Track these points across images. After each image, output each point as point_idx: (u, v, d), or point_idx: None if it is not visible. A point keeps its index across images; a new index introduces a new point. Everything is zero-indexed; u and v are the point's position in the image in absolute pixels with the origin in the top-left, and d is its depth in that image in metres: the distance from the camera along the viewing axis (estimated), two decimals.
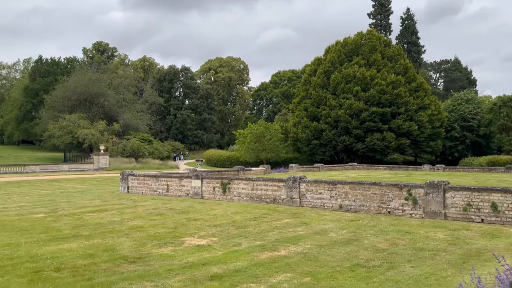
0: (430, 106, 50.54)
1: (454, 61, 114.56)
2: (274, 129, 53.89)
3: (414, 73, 52.21)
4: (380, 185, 14.51)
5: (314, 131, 51.26)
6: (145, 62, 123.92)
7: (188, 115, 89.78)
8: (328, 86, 52.41)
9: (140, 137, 64.66)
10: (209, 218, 12.98)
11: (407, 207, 13.97)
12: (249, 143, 52.71)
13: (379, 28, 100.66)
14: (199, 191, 18.88)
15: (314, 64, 56.50)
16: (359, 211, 14.78)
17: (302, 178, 16.34)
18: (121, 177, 21.45)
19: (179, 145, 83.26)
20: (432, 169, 37.85)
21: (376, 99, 48.62)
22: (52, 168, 43.04)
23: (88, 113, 63.81)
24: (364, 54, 52.58)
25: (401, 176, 25.71)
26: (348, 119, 49.00)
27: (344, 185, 15.30)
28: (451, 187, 13.23)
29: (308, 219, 12.89)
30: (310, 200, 16.04)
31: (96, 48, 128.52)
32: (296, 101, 57.37)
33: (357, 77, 49.86)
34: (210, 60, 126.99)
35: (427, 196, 13.52)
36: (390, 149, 48.92)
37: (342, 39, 55.49)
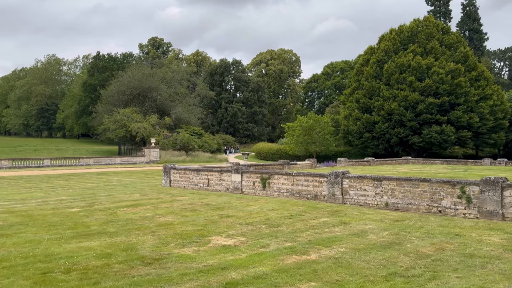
0: (492, 96, 47.23)
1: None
2: (324, 121, 52.51)
3: (475, 61, 48.99)
4: (430, 182, 13.32)
5: (366, 123, 49.46)
6: (198, 56, 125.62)
7: (238, 108, 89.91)
8: (381, 76, 50.31)
9: (191, 130, 65.41)
10: (243, 215, 12.41)
11: (460, 206, 12.72)
12: (298, 136, 51.72)
13: (438, 15, 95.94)
14: (239, 185, 18.38)
15: (367, 53, 54.44)
16: (407, 210, 13.68)
17: (345, 173, 15.39)
18: (164, 171, 21.39)
19: (230, 138, 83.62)
20: (493, 163, 35.23)
21: (433, 90, 46.07)
22: (105, 161, 44.30)
23: (141, 107, 65.29)
24: (420, 42, 49.96)
25: (457, 172, 23.95)
26: (403, 111, 46.79)
27: (390, 181, 14.22)
28: (510, 184, 11.85)
29: (349, 218, 12.00)
30: (353, 197, 15.09)
31: (152, 44, 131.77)
32: (348, 93, 55.65)
33: (412, 66, 47.46)
34: (262, 53, 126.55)
35: (483, 195, 12.22)
36: (449, 142, 46.24)
37: (397, 27, 53.05)
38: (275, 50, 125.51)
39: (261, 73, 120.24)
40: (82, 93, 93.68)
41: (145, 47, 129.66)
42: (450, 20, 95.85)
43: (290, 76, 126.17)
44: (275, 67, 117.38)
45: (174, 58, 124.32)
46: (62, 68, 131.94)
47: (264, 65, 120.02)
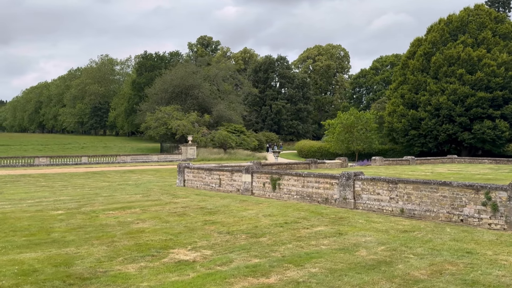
0: None
1: None
2: (367, 118, 50.04)
3: None
4: (451, 186, 11.51)
5: (411, 120, 46.63)
6: (246, 54, 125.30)
7: (283, 105, 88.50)
8: (429, 70, 47.24)
9: (232, 128, 64.81)
10: (232, 221, 11.21)
11: (484, 215, 10.86)
12: (339, 134, 49.60)
13: (496, 5, 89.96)
14: (249, 186, 17.18)
15: (414, 45, 51.37)
16: (425, 218, 11.94)
17: (358, 174, 13.79)
18: (178, 170, 20.57)
19: (273, 136, 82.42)
20: None
21: (485, 83, 42.56)
22: (142, 159, 44.48)
23: (183, 105, 65.53)
24: (471, 32, 46.41)
25: (500, 173, 21.40)
26: (451, 106, 43.62)
27: (407, 184, 12.50)
28: None
29: (349, 228, 10.49)
30: (366, 201, 13.47)
31: (200, 42, 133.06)
32: (393, 87, 52.89)
33: (461, 58, 44.11)
34: (309, 49, 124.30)
35: (510, 202, 10.31)
36: (503, 139, 42.55)
37: (446, 17, 49.66)
38: (323, 46, 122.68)
39: (308, 70, 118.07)
40: (131, 92, 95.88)
41: (194, 46, 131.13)
42: (510, 10, 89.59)
43: (339, 72, 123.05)
44: (322, 63, 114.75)
45: (222, 56, 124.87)
46: (115, 67, 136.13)
47: (311, 61, 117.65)
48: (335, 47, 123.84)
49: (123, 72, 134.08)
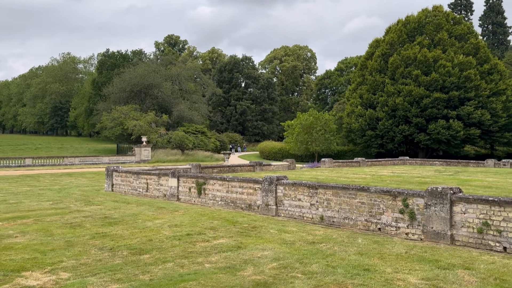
0: (505, 91, 43.41)
1: None
2: (326, 119, 49.61)
3: (487, 53, 45.18)
4: (369, 192, 10.68)
5: (369, 120, 46.36)
6: (213, 54, 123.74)
7: (248, 106, 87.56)
8: (386, 71, 47.11)
9: (193, 128, 63.43)
10: (127, 234, 10.04)
11: (402, 223, 10.06)
12: (298, 135, 48.96)
13: (459, 8, 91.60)
14: (175, 191, 16.02)
15: (372, 46, 51.25)
16: (344, 226, 11.07)
17: (280, 179, 12.84)
18: (106, 174, 19.20)
19: (237, 137, 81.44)
20: (497, 164, 31.74)
21: (440, 84, 42.64)
22: (91, 161, 42.64)
23: (142, 105, 63.72)
24: (428, 33, 46.53)
25: (443, 175, 20.90)
26: (407, 107, 43.55)
27: (327, 189, 11.61)
28: (461, 197, 9.12)
29: (254, 240, 9.48)
30: (287, 208, 12.54)
31: (168, 42, 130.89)
32: (352, 88, 52.67)
33: (418, 59, 44.10)
34: (276, 49, 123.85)
35: (428, 210, 9.54)
36: (458, 139, 42.67)
37: (405, 18, 49.68)
38: (290, 47, 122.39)
39: (275, 70, 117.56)
40: (92, 91, 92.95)
41: (161, 45, 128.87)
42: (471, 13, 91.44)
43: (306, 73, 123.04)
44: (289, 64, 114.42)
45: (188, 56, 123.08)
46: (78, 66, 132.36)
47: (278, 62, 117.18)
48: (302, 48, 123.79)
49: (86, 70, 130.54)
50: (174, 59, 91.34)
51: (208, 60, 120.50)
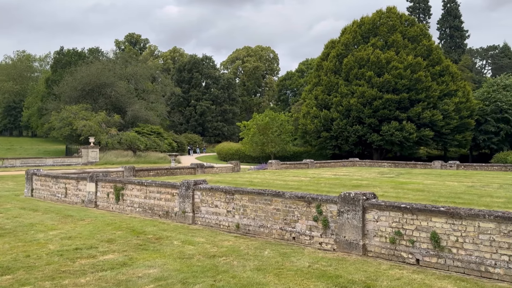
0: (457, 92, 43.94)
1: (502, 47, 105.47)
2: (281, 119, 49.03)
3: (439, 55, 45.67)
4: (284, 197, 9.80)
5: (323, 121, 46.02)
6: (175, 53, 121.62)
7: (208, 106, 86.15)
8: (341, 71, 46.92)
9: (149, 129, 61.68)
10: (7, 248, 8.79)
11: (316, 232, 9.22)
12: (253, 136, 48.14)
13: (417, 12, 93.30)
14: (93, 197, 14.75)
15: (328, 47, 51.01)
16: (259, 235, 10.16)
17: (198, 183, 11.82)
18: (26, 177, 17.67)
19: (197, 138, 79.97)
20: (444, 166, 31.83)
21: (392, 85, 42.72)
22: (34, 163, 40.42)
23: (94, 104, 61.45)
24: (382, 35, 46.65)
25: (383, 177, 20.45)
26: (361, 108, 43.43)
27: (243, 195, 10.67)
28: (373, 204, 8.35)
29: (150, 254, 8.42)
30: (205, 215, 11.53)
31: (129, 40, 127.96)
32: (308, 89, 52.33)
33: (371, 61, 44.08)
34: (238, 50, 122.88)
35: (341, 217, 8.73)
36: (411, 141, 42.84)
37: (360, 19, 49.67)
38: (252, 47, 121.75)
39: (237, 71, 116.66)
40: (45, 90, 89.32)
41: (121, 43, 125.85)
42: (429, 17, 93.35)
43: (268, 74, 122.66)
44: (251, 64, 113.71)
45: (149, 55, 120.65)
46: (34, 64, 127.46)
47: (240, 62, 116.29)
48: (264, 49, 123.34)
49: (41, 69, 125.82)
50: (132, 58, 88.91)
51: (170, 59, 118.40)
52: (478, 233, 7.12)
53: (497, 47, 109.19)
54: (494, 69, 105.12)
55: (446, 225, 7.43)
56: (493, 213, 7.02)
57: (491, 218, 6.97)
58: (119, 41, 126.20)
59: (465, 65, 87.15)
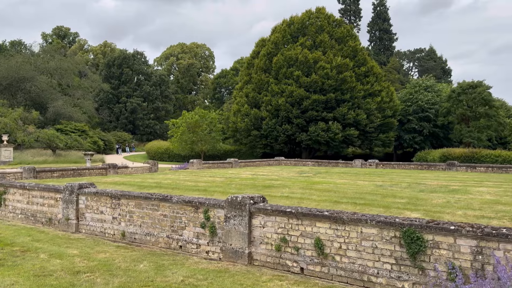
0: (381, 93, 45.15)
1: (428, 50, 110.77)
2: (212, 117, 48.06)
3: (364, 56, 46.70)
4: (171, 202, 8.93)
5: (254, 119, 45.61)
6: (106, 48, 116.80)
7: (139, 103, 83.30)
8: (271, 70, 46.71)
9: (72, 127, 58.49)
10: None
11: (203, 239, 8.44)
12: (182, 134, 46.75)
13: (348, 14, 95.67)
14: None
15: (258, 45, 50.68)
16: (145, 243, 9.21)
17: (84, 187, 10.66)
18: None
19: (126, 136, 77.08)
20: (364, 165, 32.44)
21: (319, 85, 43.10)
22: None
23: (13, 100, 57.29)
24: (310, 35, 46.97)
25: (302, 176, 20.18)
26: (289, 108, 43.45)
27: (130, 200, 9.68)
28: (260, 208, 7.69)
29: (4, 271, 7.24)
30: (90, 222, 10.40)
31: (56, 33, 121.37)
32: (239, 87, 51.75)
33: (299, 60, 44.23)
34: (172, 46, 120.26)
35: (228, 223, 8.00)
36: (336, 141, 43.44)
37: (289, 18, 49.74)
38: (187, 44, 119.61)
39: (171, 68, 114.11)
40: None
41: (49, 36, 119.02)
42: (360, 19, 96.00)
43: (204, 72, 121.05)
44: (185, 61, 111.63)
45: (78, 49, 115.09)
46: None
47: (174, 59, 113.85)
48: (200, 46, 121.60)
49: None
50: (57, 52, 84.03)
51: (100, 54, 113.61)
52: (361, 239, 6.64)
53: (423, 50, 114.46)
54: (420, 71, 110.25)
55: (330, 231, 6.91)
56: (376, 217, 6.57)
57: (373, 223, 6.51)
58: (46, 34, 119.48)
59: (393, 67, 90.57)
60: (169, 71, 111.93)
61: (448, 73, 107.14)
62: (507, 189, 14.75)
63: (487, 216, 9.52)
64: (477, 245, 5.69)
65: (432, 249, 6.03)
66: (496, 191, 14.33)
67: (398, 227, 6.29)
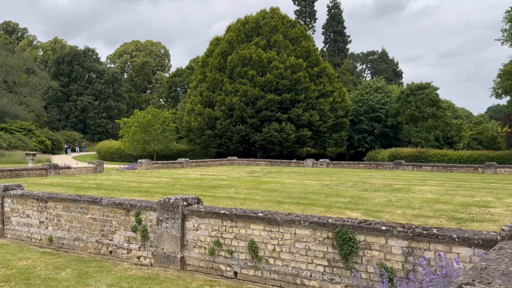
0: (333, 93, 45.73)
1: (381, 52, 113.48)
2: (165, 117, 47.13)
3: (317, 57, 47.19)
4: (101, 205, 8.40)
5: (207, 119, 45.07)
6: (56, 44, 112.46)
7: (90, 101, 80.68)
8: (225, 69, 46.32)
9: (18, 125, 55.86)
10: None
11: (134, 244, 7.97)
12: (134, 133, 45.56)
13: (303, 16, 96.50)
14: None
15: (213, 44, 50.16)
16: (74, 249, 8.62)
17: (9, 189, 9.92)
18: None
19: (76, 135, 74.47)
20: (315, 164, 32.74)
21: (274, 85, 43.13)
22: None
23: None
24: (265, 34, 46.93)
25: (252, 176, 19.97)
26: (243, 107, 43.21)
27: (57, 202, 9.05)
28: (194, 210, 7.32)
29: None
30: (15, 227, 9.69)
31: (4, 28, 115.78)
32: (193, 86, 51.05)
33: (254, 60, 44.08)
34: (126, 43, 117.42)
35: (160, 226, 7.57)
36: (290, 141, 43.61)
37: (244, 17, 49.50)
38: (142, 42, 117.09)
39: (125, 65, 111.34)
40: None
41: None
42: (315, 21, 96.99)
43: (159, 70, 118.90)
44: (140, 59, 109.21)
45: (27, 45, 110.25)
46: None
47: (128, 57, 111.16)
48: (155, 44, 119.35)
49: None
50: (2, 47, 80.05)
51: (50, 51, 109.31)
52: (295, 241, 6.41)
53: (376, 52, 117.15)
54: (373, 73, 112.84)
55: (264, 233, 6.64)
56: (309, 218, 6.35)
57: (306, 224, 6.29)
58: None
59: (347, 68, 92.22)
60: (123, 69, 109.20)
61: (400, 75, 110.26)
62: (448, 188, 15.09)
63: (425, 215, 9.58)
64: (408, 246, 5.58)
65: (364, 250, 5.87)
66: (438, 189, 14.61)
67: (331, 228, 6.11)
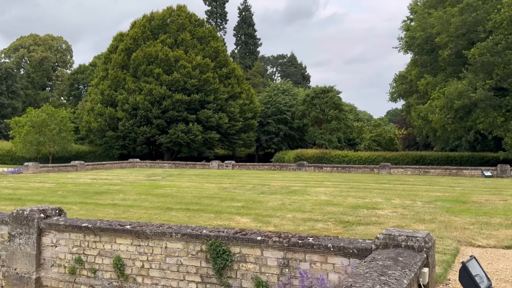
0: (241, 95, 45.72)
1: (290, 56, 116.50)
2: (62, 116, 43.88)
3: (226, 58, 46.95)
4: None
5: (109, 119, 42.73)
6: None
7: None
8: (129, 67, 44.28)
9: None
10: None
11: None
12: (27, 134, 41.84)
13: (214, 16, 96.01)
14: None
15: (116, 40, 47.77)
16: None
17: None
18: None
19: None
20: (221, 166, 32.40)
21: (181, 85, 42.03)
22: None
23: None
24: (171, 32, 45.63)
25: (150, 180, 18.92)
26: (148, 107, 41.57)
27: None
28: (52, 224, 6.32)
29: None
30: None
31: None
32: (95, 83, 48.21)
33: (160, 58, 42.62)
34: (23, 37, 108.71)
35: (12, 243, 6.45)
36: (197, 143, 42.78)
37: (149, 13, 47.78)
38: (41, 36, 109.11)
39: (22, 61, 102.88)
40: None
41: None
42: (226, 22, 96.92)
43: (60, 67, 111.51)
44: (38, 55, 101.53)
45: None
46: None
47: (25, 51, 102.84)
48: (55, 39, 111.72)
49: None
50: None
51: None
52: (166, 255, 5.72)
53: (285, 56, 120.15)
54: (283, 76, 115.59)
55: (131, 248, 5.86)
56: (182, 230, 5.70)
57: (178, 236, 5.63)
58: None
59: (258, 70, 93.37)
60: (19, 65, 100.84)
61: (307, 79, 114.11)
62: (342, 189, 15.33)
63: (314, 218, 9.40)
64: (284, 257, 5.15)
65: (240, 263, 5.35)
66: (332, 191, 14.77)
67: (205, 240, 5.51)
